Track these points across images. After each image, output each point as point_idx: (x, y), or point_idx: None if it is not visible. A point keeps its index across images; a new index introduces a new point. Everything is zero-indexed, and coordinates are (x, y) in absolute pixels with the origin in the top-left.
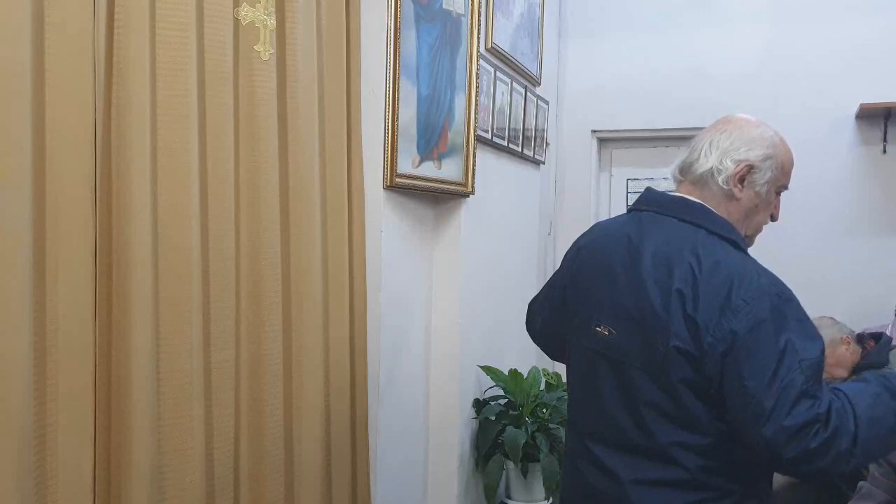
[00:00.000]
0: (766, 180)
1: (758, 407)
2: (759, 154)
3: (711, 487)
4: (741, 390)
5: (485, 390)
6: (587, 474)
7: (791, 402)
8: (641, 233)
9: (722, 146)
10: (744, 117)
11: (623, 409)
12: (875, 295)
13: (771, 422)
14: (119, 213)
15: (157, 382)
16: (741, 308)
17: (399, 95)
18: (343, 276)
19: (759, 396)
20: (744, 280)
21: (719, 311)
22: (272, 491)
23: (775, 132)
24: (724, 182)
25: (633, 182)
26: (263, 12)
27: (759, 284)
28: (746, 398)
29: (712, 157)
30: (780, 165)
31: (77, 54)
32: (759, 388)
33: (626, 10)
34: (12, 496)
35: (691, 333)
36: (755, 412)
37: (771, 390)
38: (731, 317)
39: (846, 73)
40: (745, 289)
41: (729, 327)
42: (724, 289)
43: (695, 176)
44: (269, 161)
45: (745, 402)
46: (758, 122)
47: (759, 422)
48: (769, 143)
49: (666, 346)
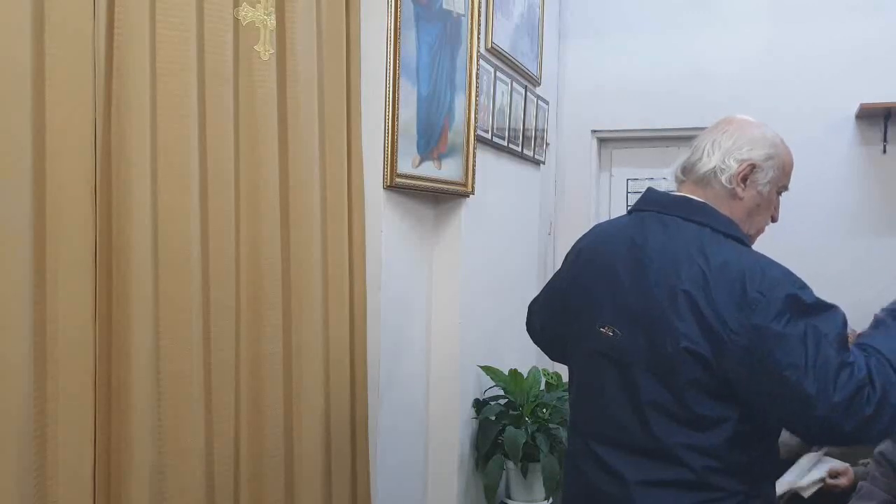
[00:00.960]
0: (769, 180)
1: (802, 393)
2: (762, 153)
3: (717, 488)
4: (781, 381)
5: (485, 390)
6: (590, 475)
7: (833, 378)
8: (645, 233)
9: (724, 146)
10: (745, 118)
11: (627, 410)
12: (875, 295)
13: (821, 403)
14: (119, 213)
15: (157, 382)
16: (759, 301)
17: (399, 95)
18: (343, 276)
19: (802, 382)
20: (756, 273)
21: (737, 308)
22: (272, 491)
23: (776, 133)
24: (728, 181)
25: (633, 182)
26: (263, 12)
27: (772, 275)
28: (788, 388)
29: (715, 157)
30: (781, 165)
31: (77, 54)
32: (799, 375)
33: (626, 11)
34: (12, 496)
35: (704, 333)
36: (802, 399)
37: (810, 374)
38: (751, 312)
39: (846, 73)
40: (758, 281)
41: (750, 322)
42: (738, 285)
43: (697, 176)
44: (269, 161)
45: (788, 392)
46: (759, 122)
47: (809, 407)
48: (771, 143)
49: (675, 347)
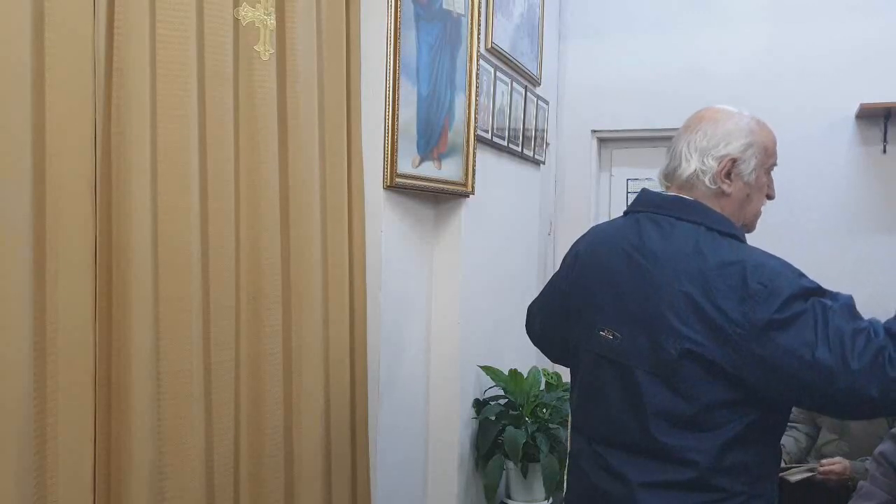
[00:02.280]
0: (752, 168)
1: (821, 369)
2: (739, 145)
3: (719, 489)
4: (799, 364)
5: (485, 390)
6: (593, 477)
7: (850, 346)
8: (641, 234)
9: (700, 146)
10: (714, 110)
11: (629, 412)
12: (875, 294)
13: (842, 374)
14: (119, 213)
15: (157, 382)
16: (761, 292)
17: (399, 95)
18: (343, 276)
19: (819, 358)
20: (755, 266)
21: (739, 301)
22: (272, 490)
23: (750, 117)
24: (711, 181)
25: (633, 182)
26: (263, 12)
27: (771, 266)
28: (806, 367)
29: (693, 160)
30: (762, 149)
31: (77, 54)
32: (815, 352)
33: (626, 11)
34: (12, 496)
35: (708, 333)
36: (822, 374)
37: (823, 349)
38: (754, 304)
39: (846, 73)
40: (759, 273)
41: (754, 314)
42: (738, 279)
43: (681, 181)
44: (269, 161)
45: (807, 372)
46: (728, 111)
47: (831, 381)
48: (746, 132)
49: (676, 349)
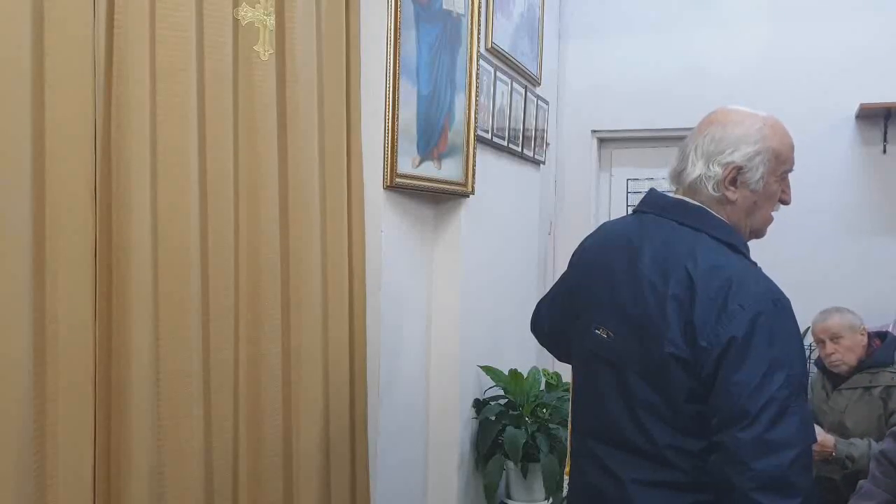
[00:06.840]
0: (760, 176)
1: (740, 410)
2: (746, 153)
3: (710, 490)
4: (727, 391)
5: (485, 390)
6: (590, 474)
7: (775, 415)
8: (641, 235)
9: (707, 150)
10: (726, 113)
11: (623, 411)
12: (875, 294)
13: (752, 428)
14: (119, 213)
15: (157, 382)
16: (737, 313)
17: (399, 95)
18: (343, 276)
19: (744, 400)
20: (741, 285)
21: (715, 316)
22: (272, 491)
23: (764, 121)
24: (715, 188)
25: (634, 182)
26: (263, 12)
27: (755, 290)
28: (731, 399)
29: (699, 165)
30: (773, 156)
31: (77, 54)
32: (745, 392)
33: (626, 10)
34: (12, 496)
35: (687, 338)
36: (737, 415)
37: (756, 397)
38: (727, 322)
39: (846, 73)
40: (742, 294)
41: (724, 332)
42: (722, 293)
43: (686, 184)
44: (269, 161)
45: (729, 403)
46: (741, 115)
47: (739, 424)
48: (756, 138)
49: (662, 352)
